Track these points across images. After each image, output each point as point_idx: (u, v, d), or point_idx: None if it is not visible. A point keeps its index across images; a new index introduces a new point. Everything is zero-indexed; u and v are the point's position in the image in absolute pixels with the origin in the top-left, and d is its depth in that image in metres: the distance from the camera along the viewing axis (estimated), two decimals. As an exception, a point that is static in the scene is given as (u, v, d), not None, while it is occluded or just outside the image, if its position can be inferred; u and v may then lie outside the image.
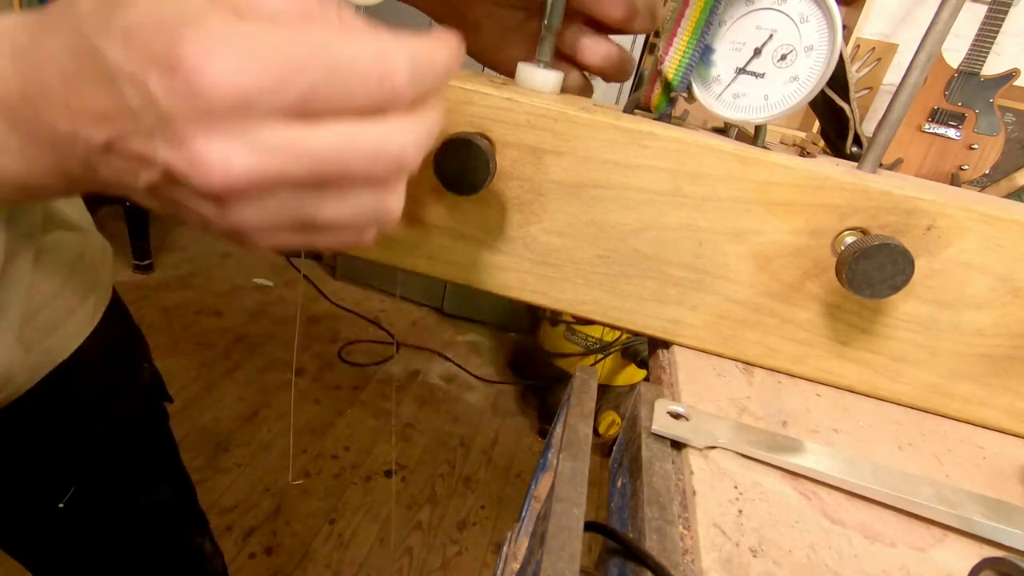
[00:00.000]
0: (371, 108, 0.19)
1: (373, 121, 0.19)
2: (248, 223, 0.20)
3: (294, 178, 0.18)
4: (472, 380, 1.88)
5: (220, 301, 2.01)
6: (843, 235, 0.31)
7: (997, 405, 0.34)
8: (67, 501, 0.48)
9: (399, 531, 1.34)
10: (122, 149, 0.18)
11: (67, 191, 0.22)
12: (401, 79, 0.19)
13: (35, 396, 0.42)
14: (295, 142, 0.18)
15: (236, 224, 0.20)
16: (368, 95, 0.18)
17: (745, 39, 0.30)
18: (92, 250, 0.46)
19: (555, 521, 0.22)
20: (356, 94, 0.18)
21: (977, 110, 1.53)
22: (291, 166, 0.18)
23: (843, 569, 0.23)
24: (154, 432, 0.56)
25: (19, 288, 0.38)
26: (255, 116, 0.17)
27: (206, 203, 0.19)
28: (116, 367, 0.50)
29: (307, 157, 0.18)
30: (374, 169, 0.19)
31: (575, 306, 0.35)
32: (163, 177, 0.18)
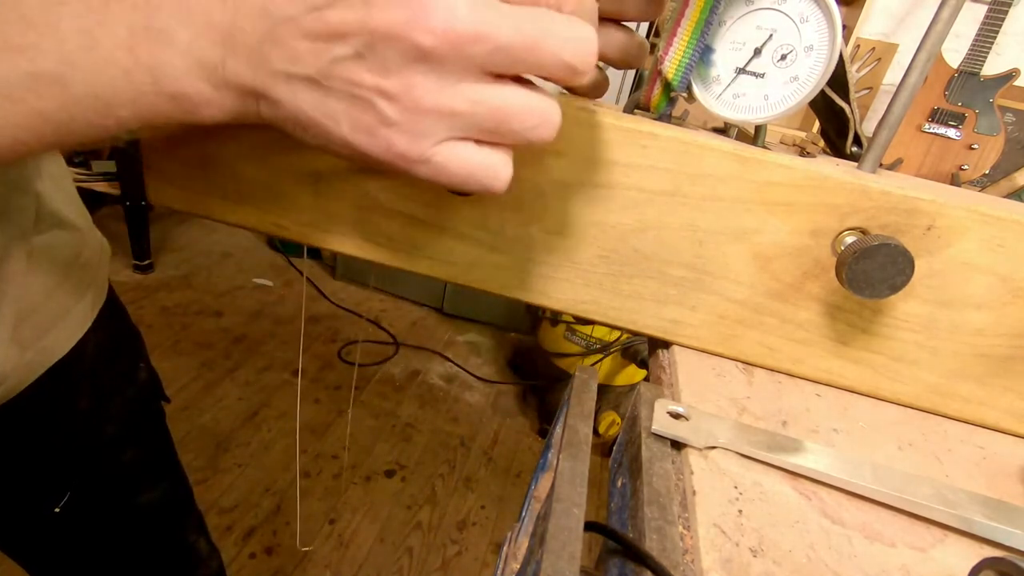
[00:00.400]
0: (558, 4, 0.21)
1: (564, 17, 0.22)
2: (436, 99, 0.21)
3: (500, 42, 0.20)
4: (472, 380, 1.88)
5: (220, 301, 2.01)
6: (843, 235, 0.31)
7: (997, 405, 0.34)
8: (63, 505, 0.48)
9: (399, 531, 1.34)
10: (312, 25, 0.20)
11: (206, 103, 0.23)
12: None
13: (30, 395, 0.42)
14: (506, 11, 0.20)
15: (418, 121, 0.21)
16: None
17: (745, 39, 0.30)
18: (89, 249, 0.46)
19: (555, 521, 0.22)
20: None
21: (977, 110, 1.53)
22: (501, 29, 0.20)
23: (843, 569, 0.23)
24: (150, 432, 0.56)
25: (13, 287, 0.38)
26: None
27: (401, 74, 0.21)
28: (112, 366, 0.50)
29: (513, 27, 0.20)
30: (563, 55, 0.21)
31: (575, 306, 0.35)
32: (360, 48, 0.20)
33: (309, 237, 0.36)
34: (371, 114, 0.22)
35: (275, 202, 0.35)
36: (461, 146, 0.23)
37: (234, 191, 0.36)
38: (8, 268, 0.37)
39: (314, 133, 0.23)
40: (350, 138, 0.22)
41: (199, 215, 0.37)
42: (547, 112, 0.23)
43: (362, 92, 0.21)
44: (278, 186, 0.35)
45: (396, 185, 0.34)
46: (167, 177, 0.36)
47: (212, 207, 0.36)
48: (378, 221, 0.35)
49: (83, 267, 0.45)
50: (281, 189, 0.35)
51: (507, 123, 0.22)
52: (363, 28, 0.20)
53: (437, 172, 0.23)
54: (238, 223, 0.37)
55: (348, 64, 0.21)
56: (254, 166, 0.35)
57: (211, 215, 0.37)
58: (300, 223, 0.36)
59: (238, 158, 0.35)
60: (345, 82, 0.21)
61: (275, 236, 0.37)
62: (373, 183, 0.34)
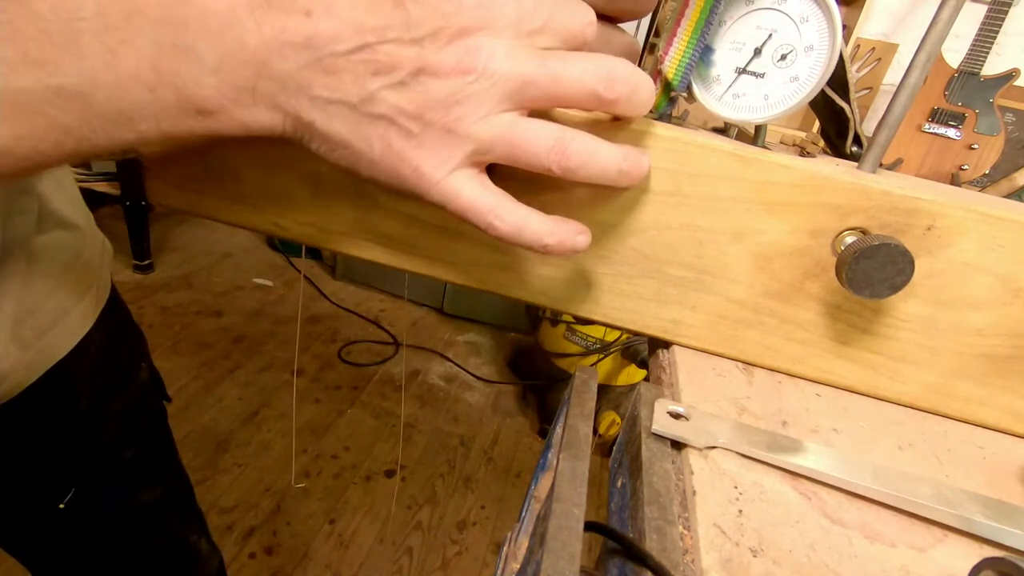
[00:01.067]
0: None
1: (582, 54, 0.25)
2: (468, 127, 0.24)
3: (528, 78, 0.24)
4: (472, 380, 1.88)
5: (220, 301, 2.01)
6: (843, 235, 0.31)
7: (997, 405, 0.34)
8: (68, 501, 0.48)
9: (399, 531, 1.34)
10: (362, 60, 0.22)
11: (227, 120, 0.23)
12: None
13: (31, 395, 0.42)
14: (536, 53, 0.24)
15: (455, 129, 0.24)
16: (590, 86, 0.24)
17: (745, 39, 0.30)
18: (90, 249, 0.46)
19: (555, 521, 0.22)
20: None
21: (977, 110, 1.53)
22: (530, 68, 0.24)
23: (843, 569, 0.23)
24: (151, 431, 0.56)
25: (14, 286, 0.38)
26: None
27: (441, 105, 0.23)
28: (113, 366, 0.50)
29: (540, 64, 0.24)
30: (585, 82, 0.24)
31: (575, 306, 0.35)
32: (405, 78, 0.23)
33: (309, 237, 0.36)
34: (404, 138, 0.24)
35: (275, 202, 0.35)
36: (474, 178, 0.25)
37: (234, 191, 0.36)
38: (9, 268, 0.37)
39: (342, 154, 0.24)
40: (380, 160, 0.24)
41: (199, 215, 0.37)
42: (563, 137, 0.25)
43: (398, 118, 0.23)
44: (278, 186, 0.35)
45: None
46: (167, 177, 0.36)
47: (212, 207, 0.36)
48: (378, 221, 0.35)
49: (84, 267, 0.45)
50: (281, 189, 0.35)
51: (523, 146, 0.25)
52: (413, 66, 0.22)
53: (448, 198, 0.25)
54: (238, 223, 0.37)
55: (389, 93, 0.23)
56: (254, 166, 0.35)
57: (211, 215, 0.37)
58: (300, 223, 0.36)
59: (238, 158, 0.35)
60: (384, 108, 0.23)
61: (275, 236, 0.37)
62: (373, 183, 0.34)
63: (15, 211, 0.37)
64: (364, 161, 0.24)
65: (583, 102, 0.25)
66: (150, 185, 0.37)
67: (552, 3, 0.24)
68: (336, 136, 0.24)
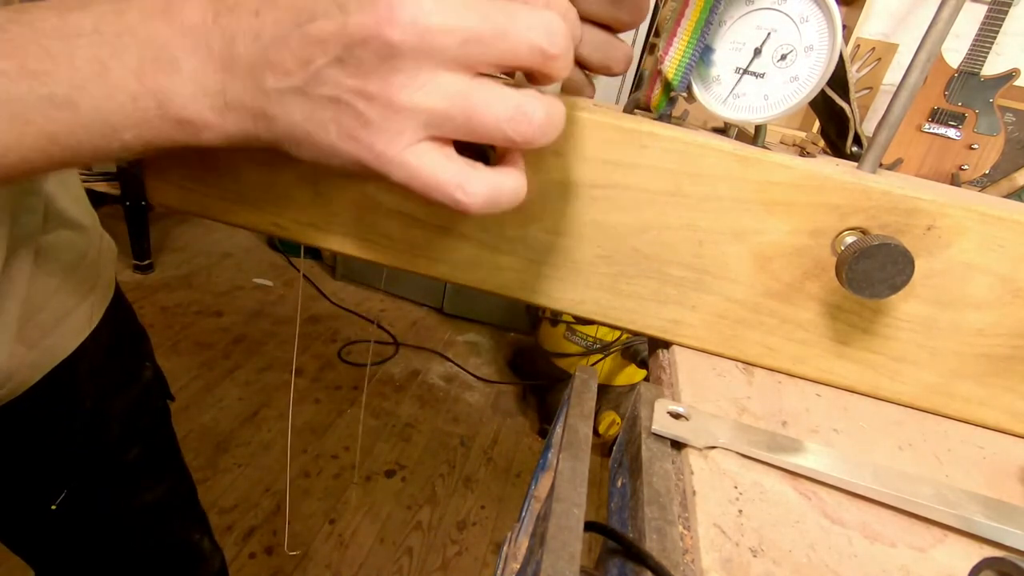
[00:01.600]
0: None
1: (530, 7, 0.22)
2: (411, 96, 0.22)
3: (468, 33, 0.21)
4: (472, 380, 1.88)
5: (220, 301, 2.01)
6: (843, 235, 0.31)
7: (997, 405, 0.34)
8: (60, 503, 0.48)
9: (399, 531, 1.34)
10: (298, 40, 0.22)
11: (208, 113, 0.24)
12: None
13: (35, 393, 0.42)
14: (472, 4, 0.21)
15: (396, 100, 0.22)
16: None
17: (745, 39, 0.30)
18: (95, 249, 0.46)
19: (555, 521, 0.22)
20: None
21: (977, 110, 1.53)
22: (469, 20, 0.21)
23: (843, 569, 0.23)
24: (155, 430, 0.56)
25: (19, 286, 0.38)
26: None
27: (377, 73, 0.22)
28: (117, 365, 0.50)
29: (480, 17, 0.21)
30: (531, 37, 0.22)
31: (575, 306, 0.35)
32: (339, 53, 0.21)
33: (309, 237, 0.36)
34: (353, 117, 0.22)
35: (275, 202, 0.35)
36: (435, 150, 0.23)
37: (234, 191, 0.36)
38: (15, 267, 0.38)
39: (308, 146, 0.24)
40: (339, 145, 0.23)
41: (199, 215, 0.37)
42: (523, 104, 0.22)
43: (344, 96, 0.22)
44: (278, 186, 0.35)
45: (395, 185, 0.34)
46: (167, 177, 0.36)
47: (212, 207, 0.36)
48: (378, 221, 0.35)
49: (89, 266, 0.45)
50: (281, 189, 0.35)
51: (479, 115, 0.22)
52: (340, 34, 0.21)
53: (409, 175, 0.23)
54: (238, 223, 0.37)
55: (329, 71, 0.22)
56: (254, 166, 0.35)
57: (211, 215, 0.37)
58: (300, 223, 0.36)
59: (238, 158, 0.35)
60: (328, 88, 0.22)
61: (275, 236, 0.37)
62: (373, 183, 0.34)
63: (21, 210, 0.37)
64: (326, 150, 0.24)
65: (528, 62, 0.22)
66: (150, 185, 0.37)
67: None
68: (296, 128, 0.23)
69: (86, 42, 0.22)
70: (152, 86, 0.22)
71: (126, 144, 0.24)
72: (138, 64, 0.22)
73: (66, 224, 0.42)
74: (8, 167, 0.23)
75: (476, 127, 0.22)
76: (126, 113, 0.23)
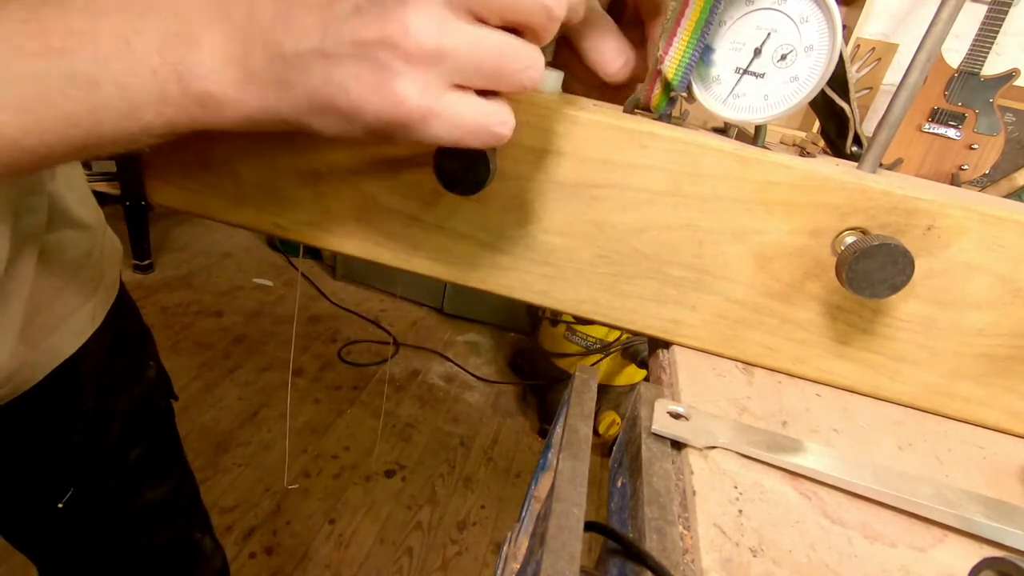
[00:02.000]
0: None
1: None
2: (434, 38, 0.21)
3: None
4: (472, 380, 1.88)
5: (220, 301, 2.01)
6: (843, 235, 0.31)
7: (997, 405, 0.34)
8: (67, 501, 0.48)
9: (399, 531, 1.34)
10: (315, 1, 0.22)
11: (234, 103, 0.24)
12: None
13: (37, 393, 0.42)
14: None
15: (423, 67, 0.22)
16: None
17: (745, 39, 0.30)
18: (100, 248, 0.46)
19: (555, 521, 0.22)
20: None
21: (977, 110, 1.53)
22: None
23: (843, 569, 0.23)
24: (158, 429, 0.56)
25: (22, 285, 0.38)
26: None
27: (395, 16, 0.21)
28: (120, 364, 0.50)
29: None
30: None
31: (575, 306, 0.35)
32: (358, 2, 0.21)
33: (309, 237, 0.36)
34: (378, 70, 0.22)
35: (275, 202, 0.35)
36: (467, 95, 0.23)
37: (234, 191, 0.36)
38: (19, 267, 0.38)
39: (332, 113, 0.23)
40: (361, 103, 0.22)
41: (199, 215, 0.37)
42: (533, 55, 0.23)
43: (367, 51, 0.22)
44: (278, 186, 0.35)
45: (396, 185, 0.34)
46: (167, 177, 0.36)
47: (212, 207, 0.36)
48: (378, 221, 0.35)
49: (94, 266, 0.45)
50: (281, 189, 0.35)
51: (505, 64, 0.23)
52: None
53: (450, 125, 0.23)
54: (238, 223, 0.37)
55: (348, 23, 0.21)
56: (254, 166, 0.35)
57: (211, 215, 0.37)
58: (300, 223, 0.36)
59: (238, 158, 0.35)
60: (348, 43, 0.22)
61: (275, 236, 0.37)
62: (373, 183, 0.34)
63: (26, 210, 0.37)
64: (350, 112, 0.23)
65: (532, 19, 0.23)
66: (150, 185, 0.37)
67: None
68: (318, 94, 0.22)
69: (110, 20, 0.22)
70: (173, 60, 0.22)
71: (147, 125, 0.23)
72: (161, 39, 0.22)
73: (71, 223, 0.42)
74: (27, 151, 0.23)
75: (495, 75, 0.23)
76: (148, 89, 0.22)
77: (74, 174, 0.44)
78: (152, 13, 0.22)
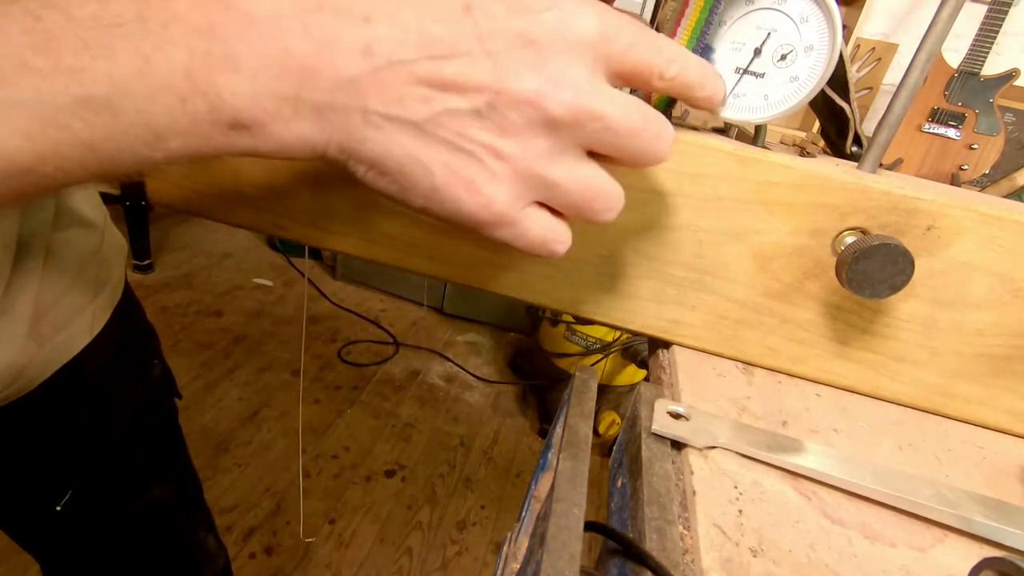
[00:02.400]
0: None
1: (657, 113, 0.23)
2: (548, 168, 0.22)
3: (610, 123, 0.22)
4: (472, 380, 1.88)
5: (220, 301, 2.01)
6: (843, 235, 0.31)
7: (997, 405, 0.34)
8: (65, 503, 0.48)
9: (399, 531, 1.34)
10: (429, 72, 0.20)
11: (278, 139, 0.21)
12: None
13: (43, 391, 0.42)
14: (615, 95, 0.22)
15: (534, 167, 0.22)
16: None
17: (745, 39, 0.30)
18: (106, 247, 0.46)
19: (555, 521, 0.22)
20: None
21: (977, 110, 1.53)
22: (615, 112, 0.21)
23: (843, 569, 0.23)
24: (162, 428, 0.56)
25: (30, 283, 0.38)
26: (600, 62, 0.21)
27: (519, 137, 0.21)
28: (126, 363, 0.50)
29: (623, 111, 0.22)
30: (656, 147, 0.23)
31: (575, 306, 0.35)
32: (480, 106, 0.21)
33: (309, 237, 0.36)
34: (476, 169, 0.22)
35: (275, 202, 0.35)
36: (542, 212, 0.24)
37: (234, 191, 0.36)
38: (26, 265, 0.38)
39: (394, 179, 0.22)
40: (441, 189, 0.22)
41: (199, 215, 0.37)
42: (619, 198, 0.24)
43: (472, 147, 0.21)
44: (278, 186, 0.35)
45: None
46: (167, 177, 0.36)
47: (212, 207, 0.36)
48: (378, 221, 0.35)
49: (100, 264, 0.46)
50: (281, 189, 0.35)
51: (591, 202, 0.23)
52: (489, 88, 0.20)
53: (518, 236, 0.23)
54: (238, 223, 0.37)
55: (463, 118, 0.21)
56: (254, 165, 0.35)
57: (211, 215, 0.37)
58: (300, 223, 0.36)
59: (238, 158, 0.35)
60: (455, 134, 0.21)
61: (275, 236, 0.37)
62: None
63: (33, 209, 0.38)
64: (420, 190, 0.22)
65: (641, 163, 0.23)
66: (150, 185, 0.37)
67: (634, 26, 0.22)
68: (391, 159, 0.21)
69: (127, 32, 0.19)
70: (204, 85, 0.19)
71: (171, 154, 0.21)
72: (188, 58, 0.19)
73: (77, 222, 0.42)
74: (44, 176, 0.20)
75: (580, 208, 0.23)
76: (173, 117, 0.20)
77: None
78: (176, 26, 0.19)
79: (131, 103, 0.19)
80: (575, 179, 0.23)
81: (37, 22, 0.18)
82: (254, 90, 0.20)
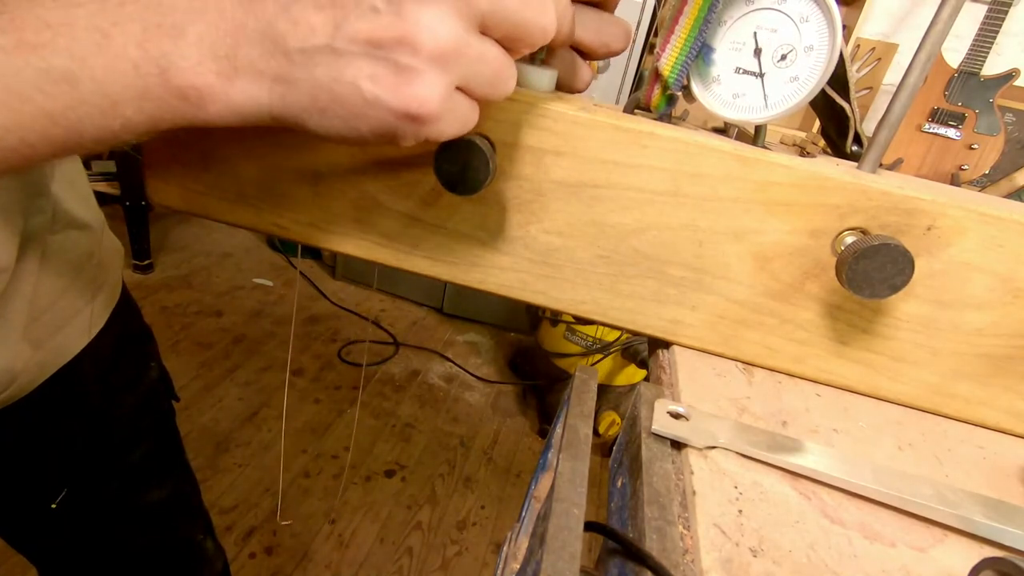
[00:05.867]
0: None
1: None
2: (452, 57, 0.22)
3: None
4: (472, 380, 1.88)
5: (220, 301, 2.01)
6: (843, 235, 0.31)
7: (997, 405, 0.34)
8: (60, 502, 0.48)
9: (399, 531, 1.34)
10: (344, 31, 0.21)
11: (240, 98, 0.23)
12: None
13: (41, 394, 0.42)
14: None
15: (438, 65, 0.22)
16: None
17: (745, 39, 0.30)
18: (102, 249, 0.46)
19: (555, 521, 0.22)
20: None
21: (977, 110, 1.53)
22: None
23: (843, 569, 0.23)
24: (159, 430, 0.56)
25: (26, 286, 0.38)
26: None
27: (412, 15, 0.22)
28: (123, 365, 0.50)
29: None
30: (540, 20, 0.24)
31: (575, 306, 0.35)
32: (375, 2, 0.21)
33: (309, 237, 0.36)
34: (397, 70, 0.22)
35: (275, 202, 0.35)
36: (463, 95, 0.24)
37: (234, 191, 0.36)
38: (22, 268, 0.38)
39: (333, 111, 0.23)
40: (376, 102, 0.22)
41: (199, 215, 0.37)
42: (513, 70, 0.25)
43: (383, 49, 0.22)
44: (278, 186, 0.35)
45: (396, 185, 0.34)
46: (167, 177, 0.36)
47: (212, 207, 0.36)
48: (378, 221, 0.35)
49: (96, 267, 0.46)
50: (281, 189, 0.35)
51: (498, 76, 0.24)
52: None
53: (458, 124, 0.24)
54: (238, 223, 0.37)
55: (363, 21, 0.21)
56: (254, 166, 0.35)
57: (211, 215, 0.37)
58: (300, 223, 0.36)
59: (238, 158, 0.35)
60: (363, 42, 0.22)
61: (275, 236, 0.37)
62: (373, 183, 0.34)
63: (29, 212, 0.37)
64: (355, 111, 0.23)
65: (532, 40, 0.24)
66: (150, 185, 0.37)
67: None
68: (321, 91, 0.22)
69: (86, 11, 0.21)
70: (154, 52, 0.21)
71: (128, 121, 0.22)
72: (141, 31, 0.21)
73: (73, 224, 0.42)
74: (8, 150, 0.22)
75: (489, 84, 0.24)
76: (127, 83, 0.22)
77: (76, 175, 0.44)
78: (131, 3, 0.21)
79: (89, 72, 0.21)
80: (482, 54, 0.23)
81: (2, 6, 0.20)
82: (199, 54, 0.22)
